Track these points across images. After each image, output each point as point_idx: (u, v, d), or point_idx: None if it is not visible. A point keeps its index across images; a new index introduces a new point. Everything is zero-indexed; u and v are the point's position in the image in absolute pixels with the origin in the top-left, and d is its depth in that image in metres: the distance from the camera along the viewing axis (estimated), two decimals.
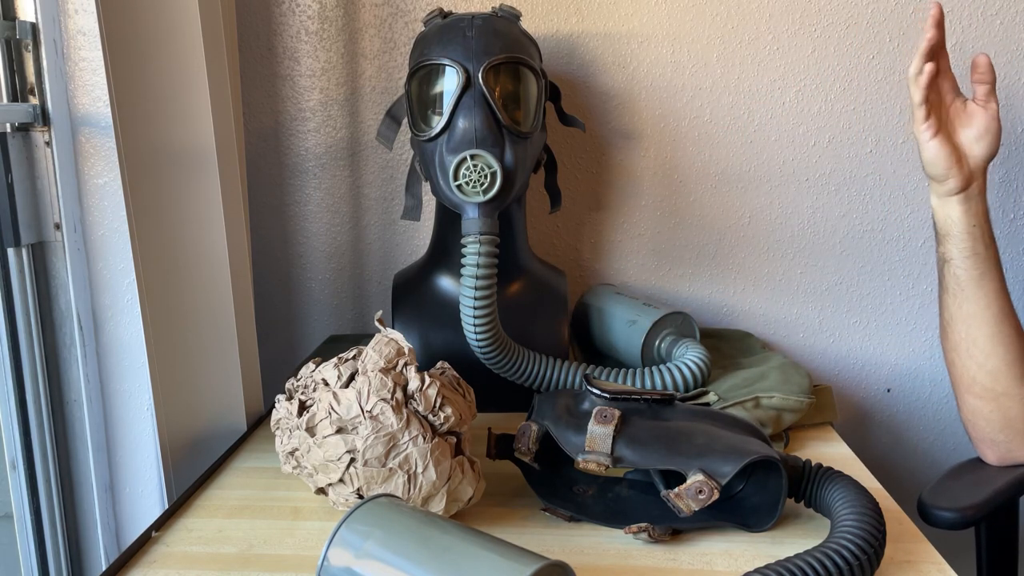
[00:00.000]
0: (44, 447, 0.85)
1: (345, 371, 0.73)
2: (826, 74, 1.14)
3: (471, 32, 0.88)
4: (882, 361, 1.21)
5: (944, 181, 0.86)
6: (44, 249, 0.84)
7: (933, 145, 0.85)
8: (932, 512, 0.82)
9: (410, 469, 0.68)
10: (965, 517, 0.82)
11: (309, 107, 1.19)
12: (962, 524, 0.83)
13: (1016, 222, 1.18)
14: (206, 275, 0.89)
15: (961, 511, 0.83)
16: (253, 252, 1.11)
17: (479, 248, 0.83)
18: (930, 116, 0.85)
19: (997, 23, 1.12)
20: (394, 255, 1.23)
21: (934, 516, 0.82)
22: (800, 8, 1.13)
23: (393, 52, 1.16)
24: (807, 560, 0.57)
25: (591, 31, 1.14)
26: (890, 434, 1.24)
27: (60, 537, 0.87)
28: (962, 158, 0.86)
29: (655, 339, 0.99)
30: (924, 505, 0.83)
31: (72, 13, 0.79)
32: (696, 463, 0.67)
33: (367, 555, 0.53)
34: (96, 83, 0.79)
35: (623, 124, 1.17)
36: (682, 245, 1.20)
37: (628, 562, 0.66)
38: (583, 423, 0.71)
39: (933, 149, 0.85)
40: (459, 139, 0.84)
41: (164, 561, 0.67)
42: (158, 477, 0.84)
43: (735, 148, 1.17)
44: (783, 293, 1.21)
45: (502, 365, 0.89)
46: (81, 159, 0.81)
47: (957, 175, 0.85)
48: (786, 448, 0.89)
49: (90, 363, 0.84)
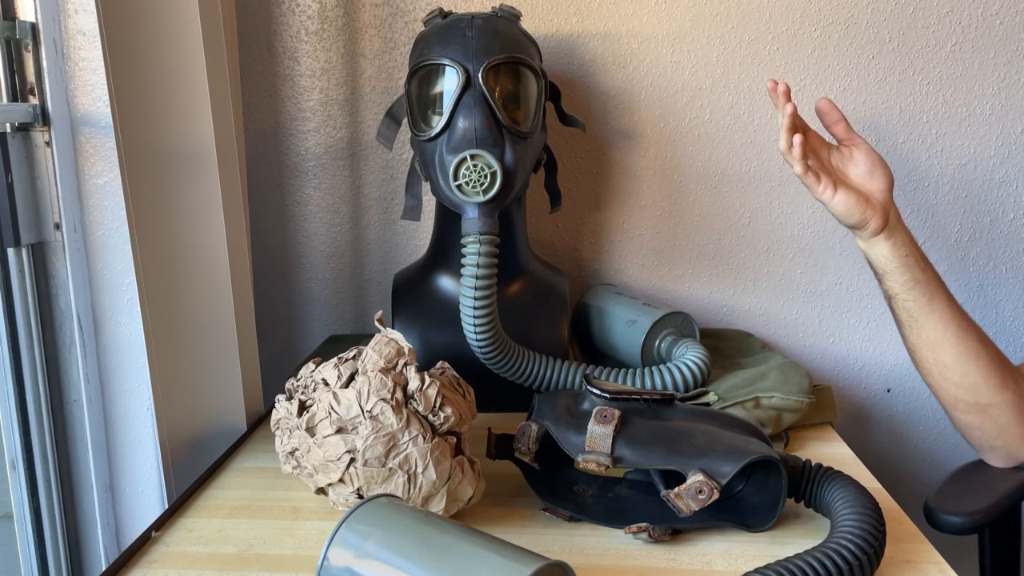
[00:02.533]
0: (44, 447, 0.85)
1: (345, 371, 0.73)
2: (826, 74, 1.14)
3: (471, 32, 0.88)
4: (882, 361, 1.21)
5: (865, 226, 0.86)
6: (44, 249, 0.84)
7: (839, 200, 0.85)
8: (940, 517, 0.82)
9: (410, 469, 0.68)
10: (973, 521, 0.82)
11: (309, 107, 1.19)
12: (970, 529, 0.82)
13: (1016, 222, 1.18)
14: (206, 275, 0.89)
15: (969, 515, 0.82)
16: (253, 252, 1.11)
17: (479, 248, 0.83)
18: (820, 177, 0.85)
19: (997, 23, 1.12)
20: (394, 255, 1.23)
21: (942, 521, 0.82)
22: (800, 8, 1.13)
23: (393, 52, 1.16)
24: (807, 560, 0.57)
25: (591, 31, 1.14)
26: (890, 434, 1.24)
27: (60, 537, 0.87)
28: (869, 198, 0.86)
29: (655, 339, 0.99)
30: (931, 510, 0.83)
31: (72, 13, 0.78)
32: (696, 463, 0.67)
33: (367, 555, 0.53)
34: (96, 83, 0.79)
35: (623, 124, 1.17)
36: (682, 245, 1.20)
37: (628, 562, 0.66)
38: (583, 423, 0.71)
39: (841, 204, 0.85)
40: (459, 139, 0.84)
41: (164, 561, 0.67)
42: (158, 477, 0.84)
43: (735, 148, 1.17)
44: (783, 293, 1.21)
45: (502, 365, 0.89)
46: (81, 159, 0.81)
47: (874, 215, 0.85)
48: (786, 448, 0.89)
49: (90, 363, 0.84)
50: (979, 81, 1.14)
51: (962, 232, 1.18)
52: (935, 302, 0.87)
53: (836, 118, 0.89)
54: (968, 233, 1.18)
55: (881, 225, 0.86)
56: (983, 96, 1.14)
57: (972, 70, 1.13)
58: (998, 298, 1.20)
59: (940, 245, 1.19)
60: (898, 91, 1.14)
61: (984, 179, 1.17)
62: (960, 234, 1.18)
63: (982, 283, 1.20)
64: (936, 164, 1.16)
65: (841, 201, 0.85)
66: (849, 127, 0.89)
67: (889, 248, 0.86)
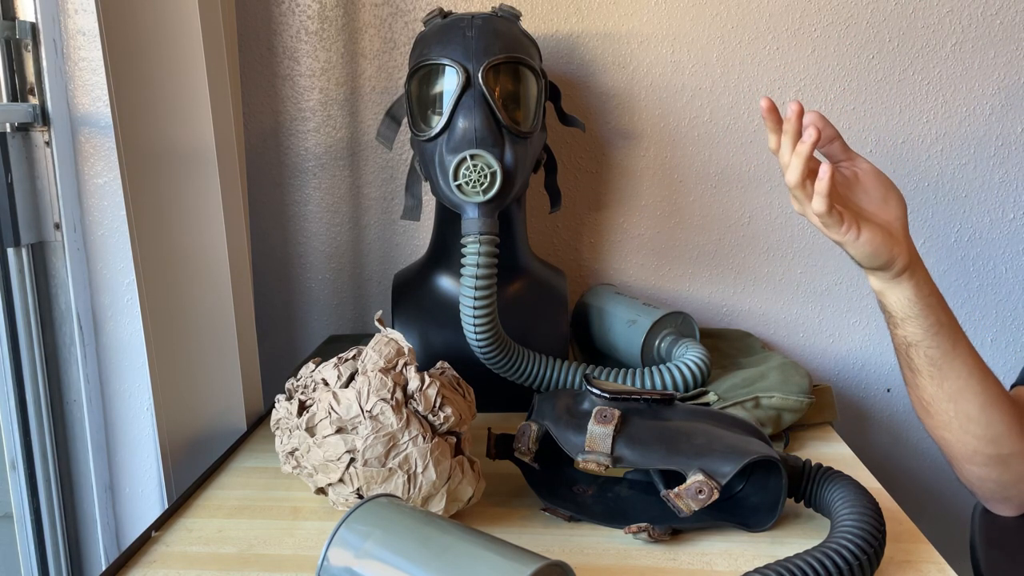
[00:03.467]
0: (44, 447, 0.85)
1: (345, 371, 0.73)
2: (826, 74, 1.14)
3: (471, 32, 0.88)
4: (882, 361, 1.21)
5: (891, 266, 0.72)
6: (44, 249, 0.84)
7: (865, 240, 0.70)
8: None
9: (410, 469, 0.68)
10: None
11: (309, 107, 1.19)
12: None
13: (1016, 222, 1.18)
14: (206, 275, 0.89)
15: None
16: (253, 252, 1.11)
17: (479, 248, 0.83)
18: (843, 216, 0.69)
19: (997, 23, 1.12)
20: (394, 255, 1.23)
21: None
22: (800, 8, 1.13)
23: (393, 52, 1.16)
24: (807, 560, 0.57)
25: (591, 31, 1.14)
26: (890, 434, 1.24)
27: (60, 537, 0.87)
28: (892, 232, 0.71)
29: (655, 339, 0.99)
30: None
31: (72, 13, 0.78)
32: (696, 463, 0.67)
33: (367, 555, 0.53)
34: (96, 83, 0.79)
35: (623, 124, 1.17)
36: (682, 245, 1.20)
37: (628, 562, 0.66)
38: (583, 423, 0.71)
39: (867, 245, 0.70)
40: (459, 139, 0.84)
41: (164, 561, 0.67)
42: (158, 477, 0.84)
43: (735, 148, 1.17)
44: (783, 293, 1.21)
45: (502, 365, 0.89)
46: (81, 159, 0.81)
47: (900, 253, 0.72)
48: (786, 448, 0.89)
49: (90, 363, 0.84)
50: (979, 81, 1.14)
51: (962, 232, 1.18)
52: (958, 347, 0.75)
53: (831, 135, 0.72)
54: (968, 233, 1.18)
55: (907, 262, 0.72)
56: (983, 96, 1.14)
57: (972, 70, 1.13)
58: (998, 298, 1.20)
59: (940, 245, 1.19)
60: (898, 91, 1.14)
61: (984, 179, 1.17)
62: (960, 234, 1.18)
63: (982, 283, 1.20)
64: (936, 164, 1.16)
65: (867, 240, 0.70)
66: (844, 144, 0.73)
67: (912, 288, 0.73)
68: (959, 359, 0.75)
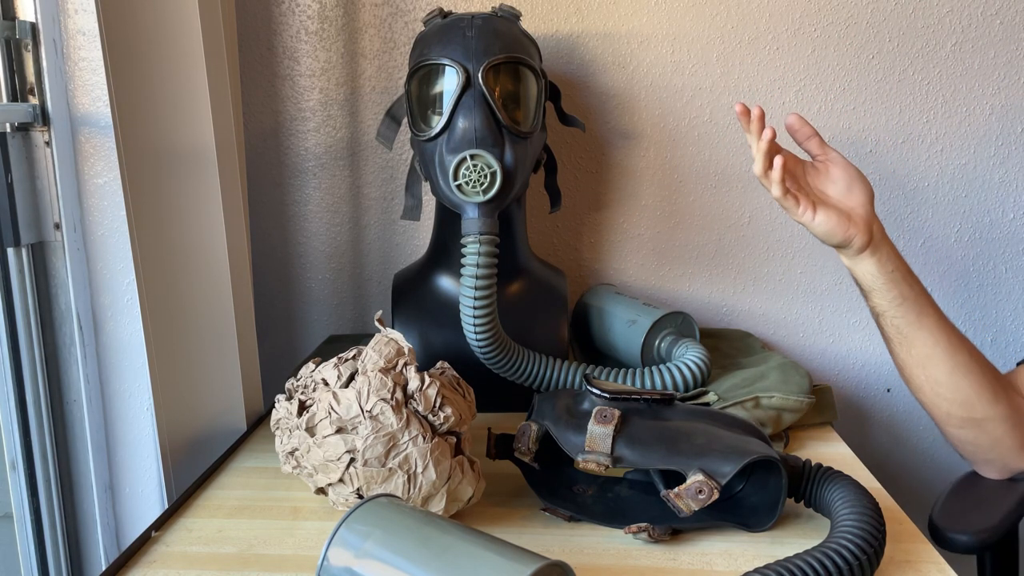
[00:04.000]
0: (44, 447, 0.85)
1: (345, 371, 0.73)
2: (826, 74, 1.14)
3: (471, 32, 0.88)
4: (882, 361, 1.21)
5: (849, 244, 0.83)
6: (44, 249, 0.84)
7: (820, 221, 0.82)
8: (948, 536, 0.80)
9: (410, 469, 0.68)
10: (981, 540, 0.80)
11: (309, 107, 1.19)
12: (978, 548, 0.81)
13: (1016, 222, 1.18)
14: (206, 275, 0.89)
15: (977, 534, 0.80)
16: (253, 252, 1.11)
17: (479, 248, 0.83)
18: (798, 199, 0.82)
19: (997, 23, 1.12)
20: (394, 255, 1.23)
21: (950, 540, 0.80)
22: (800, 8, 1.13)
23: (393, 52, 1.16)
24: (807, 560, 0.57)
25: (591, 31, 1.14)
26: (890, 434, 1.24)
27: (60, 537, 0.87)
28: (850, 215, 0.83)
29: (655, 339, 0.99)
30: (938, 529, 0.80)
31: (72, 13, 0.78)
32: (696, 463, 0.67)
33: (367, 555, 0.53)
34: (96, 83, 0.79)
35: (623, 124, 1.17)
36: (682, 245, 1.20)
37: (628, 562, 0.66)
38: (583, 423, 0.71)
39: (822, 224, 0.82)
40: (459, 139, 0.84)
41: (164, 561, 0.67)
42: (158, 477, 0.84)
43: (735, 148, 1.17)
44: (783, 293, 1.21)
45: (502, 365, 0.89)
46: (81, 159, 0.81)
47: (857, 232, 0.83)
48: (786, 448, 0.89)
49: (90, 363, 0.84)
50: (979, 81, 1.14)
51: (962, 232, 1.18)
52: (924, 318, 0.84)
53: (808, 133, 0.85)
54: (968, 233, 1.18)
55: (866, 242, 0.83)
56: (983, 96, 1.14)
57: (972, 70, 1.13)
58: (998, 298, 1.20)
59: (940, 245, 1.19)
60: (898, 91, 1.14)
61: (984, 179, 1.17)
62: (960, 234, 1.18)
63: (982, 283, 1.20)
64: (936, 164, 1.16)
65: (822, 222, 0.82)
66: (823, 142, 0.86)
67: (875, 265, 0.84)
68: (924, 329, 0.84)
